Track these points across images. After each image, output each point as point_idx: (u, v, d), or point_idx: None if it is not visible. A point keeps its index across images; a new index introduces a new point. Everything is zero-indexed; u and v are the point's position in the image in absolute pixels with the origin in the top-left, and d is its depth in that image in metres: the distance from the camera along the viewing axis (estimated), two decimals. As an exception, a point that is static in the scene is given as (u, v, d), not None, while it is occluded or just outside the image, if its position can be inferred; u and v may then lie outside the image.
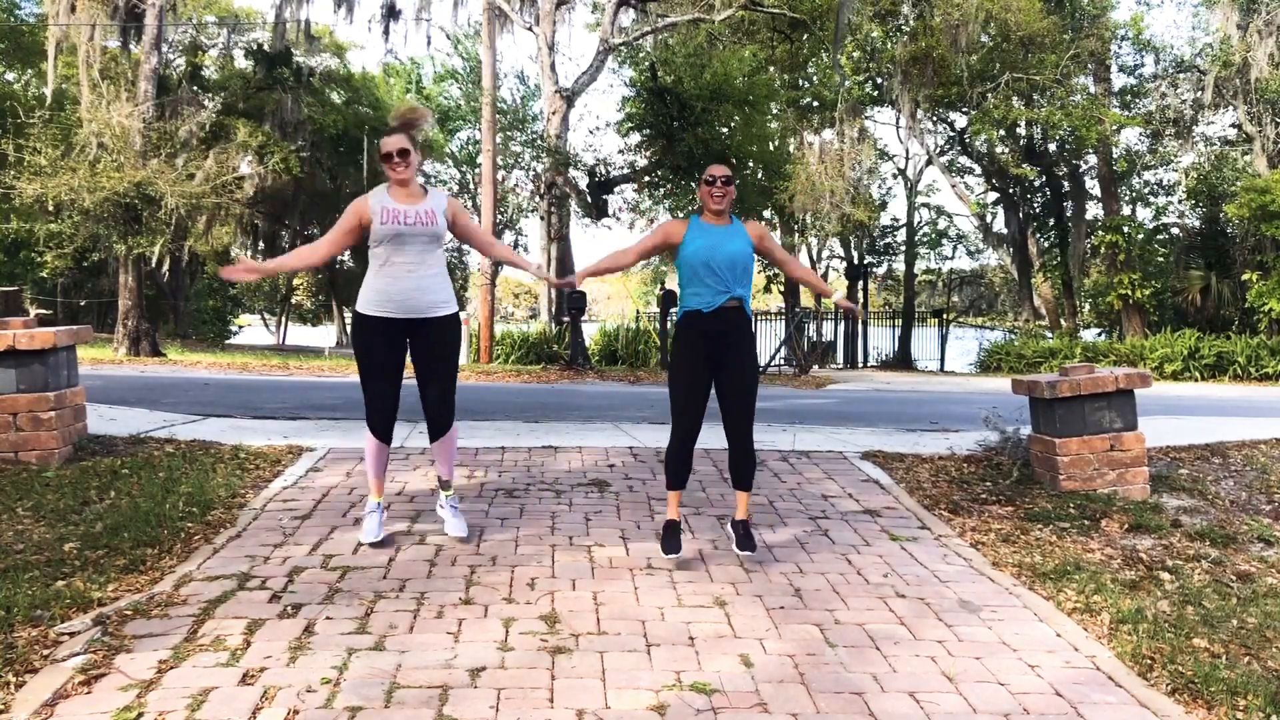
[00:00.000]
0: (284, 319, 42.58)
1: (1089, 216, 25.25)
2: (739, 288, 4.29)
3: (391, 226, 4.13)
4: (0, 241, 23.43)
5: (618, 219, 21.28)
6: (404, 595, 3.81)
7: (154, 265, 19.10)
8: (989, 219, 28.84)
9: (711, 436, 6.09)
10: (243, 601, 3.68)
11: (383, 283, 4.21)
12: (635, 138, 19.37)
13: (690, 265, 4.29)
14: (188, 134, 19.01)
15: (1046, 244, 27.70)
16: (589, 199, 20.38)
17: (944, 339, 26.21)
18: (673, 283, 24.92)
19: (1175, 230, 26.01)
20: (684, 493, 4.58)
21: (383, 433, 4.38)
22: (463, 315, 6.30)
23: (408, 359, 4.44)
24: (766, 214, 22.16)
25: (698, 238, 4.30)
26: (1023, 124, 23.25)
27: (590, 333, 21.51)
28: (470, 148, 32.77)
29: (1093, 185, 25.80)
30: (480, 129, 21.03)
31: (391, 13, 23.53)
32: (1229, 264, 22.06)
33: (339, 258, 33.23)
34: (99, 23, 19.44)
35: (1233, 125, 24.13)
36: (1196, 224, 24.68)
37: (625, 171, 20.21)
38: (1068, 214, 25.50)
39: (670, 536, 4.35)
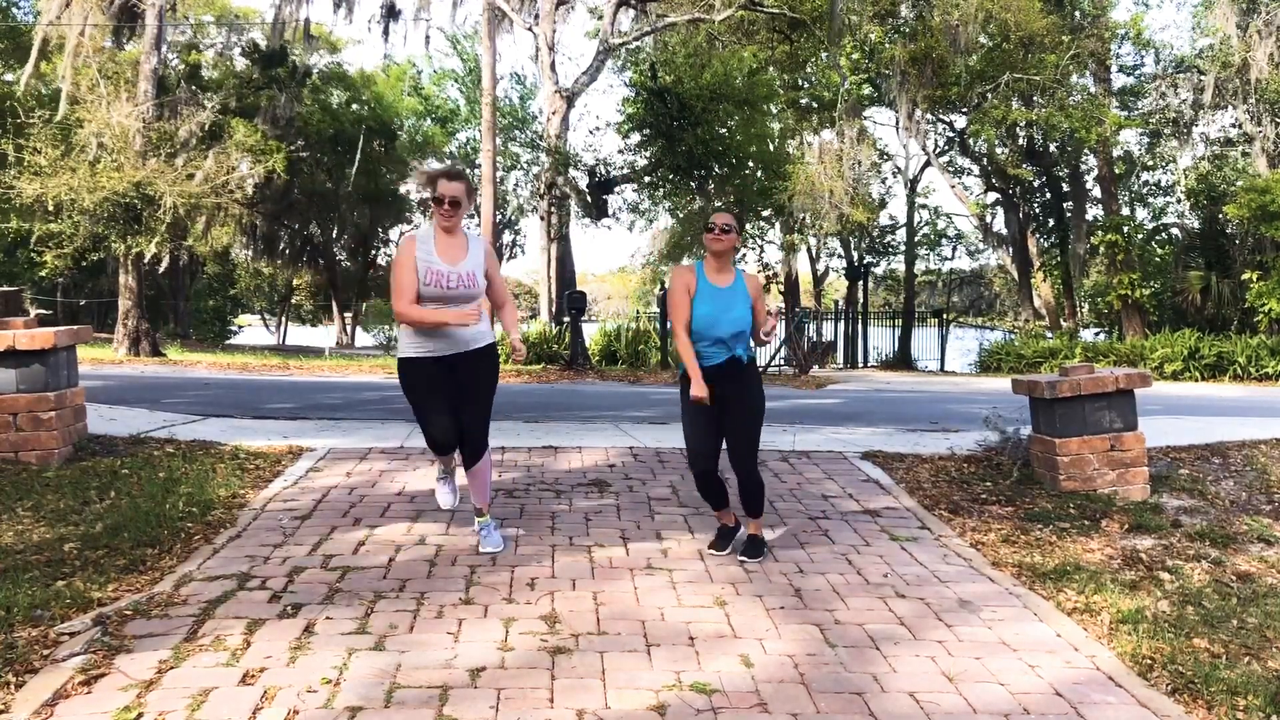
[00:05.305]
0: (284, 319, 42.60)
1: (1089, 216, 25.22)
2: (740, 348, 4.35)
3: (435, 290, 4.18)
4: (0, 241, 23.41)
5: (617, 219, 21.31)
6: (404, 595, 3.81)
7: (154, 265, 19.06)
8: (989, 219, 28.83)
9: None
10: (243, 601, 3.68)
11: (425, 328, 4.25)
12: (635, 138, 19.38)
13: (695, 326, 4.31)
14: (187, 134, 18.98)
15: (1046, 244, 27.68)
16: (589, 199, 20.38)
17: (944, 339, 26.15)
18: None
19: (1175, 230, 25.99)
20: (685, 493, 4.58)
21: (445, 452, 4.55)
22: None
23: None
24: (766, 214, 22.16)
25: (704, 303, 4.31)
26: (1022, 124, 23.22)
27: (590, 333, 21.47)
28: (470, 146, 32.77)
29: (1093, 185, 25.79)
30: (480, 129, 21.01)
31: (391, 13, 23.53)
32: (1229, 264, 22.02)
33: (338, 258, 33.42)
34: (96, 23, 19.41)
35: (1233, 125, 24.10)
36: (1196, 224, 24.65)
37: (625, 171, 20.21)
38: (1068, 214, 25.49)
39: (721, 537, 4.52)
